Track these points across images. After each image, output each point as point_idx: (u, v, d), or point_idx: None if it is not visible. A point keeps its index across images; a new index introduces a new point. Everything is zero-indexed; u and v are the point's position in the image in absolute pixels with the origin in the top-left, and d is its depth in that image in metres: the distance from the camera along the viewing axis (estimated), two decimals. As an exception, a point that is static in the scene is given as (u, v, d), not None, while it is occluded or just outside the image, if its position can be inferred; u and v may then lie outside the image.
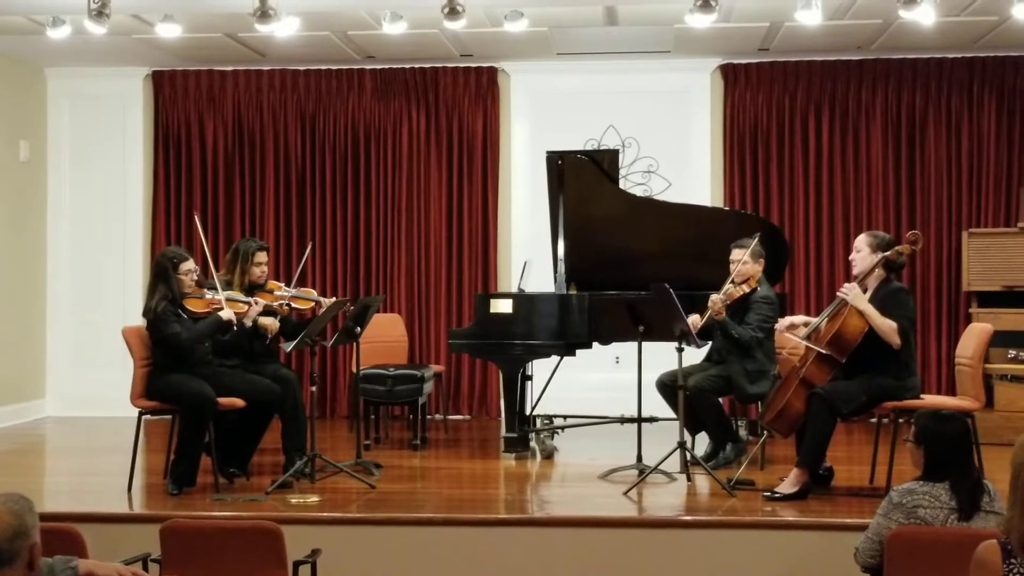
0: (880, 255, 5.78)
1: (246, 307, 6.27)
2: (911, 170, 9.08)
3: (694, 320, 6.47)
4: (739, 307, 6.62)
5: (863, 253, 5.83)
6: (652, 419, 6.91)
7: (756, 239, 6.64)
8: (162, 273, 6.11)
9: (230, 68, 9.52)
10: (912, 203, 9.07)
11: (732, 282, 6.58)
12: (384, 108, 9.46)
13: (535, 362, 7.57)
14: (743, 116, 9.21)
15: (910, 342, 5.82)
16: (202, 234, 6.73)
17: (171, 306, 6.04)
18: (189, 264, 6.17)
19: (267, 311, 6.46)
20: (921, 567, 3.62)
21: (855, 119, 9.13)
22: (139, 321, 6.16)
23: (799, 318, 6.29)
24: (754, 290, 6.64)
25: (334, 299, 6.74)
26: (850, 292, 5.72)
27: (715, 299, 6.45)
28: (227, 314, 6.09)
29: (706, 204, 8.89)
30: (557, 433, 7.72)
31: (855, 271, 5.86)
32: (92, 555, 3.43)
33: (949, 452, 3.85)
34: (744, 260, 6.59)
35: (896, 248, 5.84)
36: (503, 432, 7.39)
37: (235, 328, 6.18)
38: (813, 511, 5.54)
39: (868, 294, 5.78)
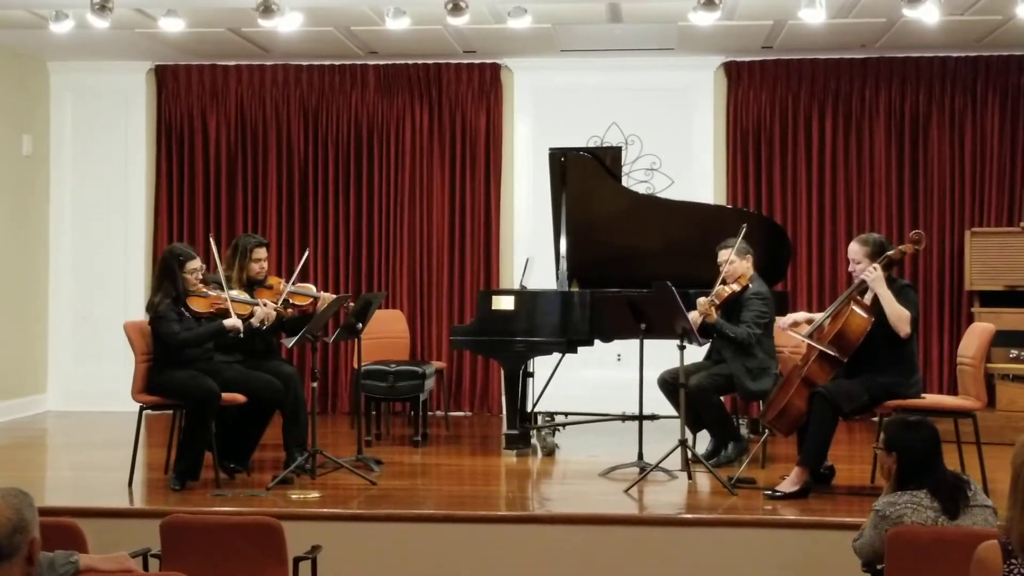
0: (881, 259, 5.76)
1: (251, 308, 6.28)
2: (914, 169, 9.07)
3: (693, 317, 6.47)
4: (734, 306, 6.61)
5: (863, 264, 5.79)
6: (653, 417, 6.92)
7: (740, 235, 6.56)
8: (168, 270, 6.12)
9: (233, 63, 9.51)
10: (915, 202, 9.06)
11: (722, 282, 6.57)
12: (387, 104, 9.45)
13: (536, 359, 7.59)
14: (746, 114, 9.19)
15: (913, 340, 5.82)
16: (216, 255, 6.42)
17: (174, 304, 6.05)
18: (195, 263, 6.17)
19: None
20: (921, 566, 3.61)
21: (858, 118, 9.11)
22: (140, 316, 6.16)
23: (801, 315, 6.28)
24: (746, 287, 6.62)
25: (335, 295, 6.73)
26: (872, 275, 5.69)
27: (702, 302, 6.45)
28: (232, 322, 6.06)
29: (708, 202, 8.88)
30: (558, 430, 7.72)
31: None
32: (92, 550, 3.42)
33: (921, 458, 3.85)
34: (731, 260, 6.58)
35: (899, 248, 5.84)
36: (504, 429, 7.38)
37: (240, 335, 6.13)
38: (814, 510, 5.54)
39: (870, 295, 5.77)
